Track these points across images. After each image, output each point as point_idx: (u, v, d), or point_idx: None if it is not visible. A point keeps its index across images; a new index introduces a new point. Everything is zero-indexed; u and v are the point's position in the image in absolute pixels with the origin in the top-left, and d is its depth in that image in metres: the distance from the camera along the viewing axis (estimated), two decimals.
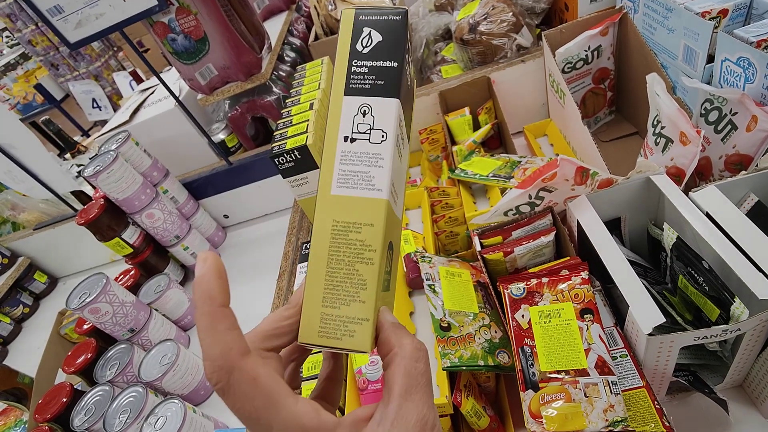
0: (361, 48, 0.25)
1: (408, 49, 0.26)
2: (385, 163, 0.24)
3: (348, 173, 0.24)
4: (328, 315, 0.24)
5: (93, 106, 1.83)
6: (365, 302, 0.23)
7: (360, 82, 0.25)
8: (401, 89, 0.25)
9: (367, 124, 0.25)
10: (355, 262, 0.24)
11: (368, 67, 0.25)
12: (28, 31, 2.86)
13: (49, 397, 0.74)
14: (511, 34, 0.86)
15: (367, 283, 0.23)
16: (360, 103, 0.25)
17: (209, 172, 1.09)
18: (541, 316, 0.51)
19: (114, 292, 0.80)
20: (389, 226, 0.25)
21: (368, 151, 0.24)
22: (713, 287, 0.44)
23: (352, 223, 0.24)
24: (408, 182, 0.94)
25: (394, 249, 0.28)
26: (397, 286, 0.66)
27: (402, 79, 0.25)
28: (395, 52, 0.25)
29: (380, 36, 0.25)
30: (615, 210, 0.59)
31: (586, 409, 0.44)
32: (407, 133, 0.31)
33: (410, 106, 0.30)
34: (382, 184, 0.24)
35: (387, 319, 0.25)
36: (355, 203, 0.24)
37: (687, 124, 0.55)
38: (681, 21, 0.64)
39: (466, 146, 0.84)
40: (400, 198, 0.29)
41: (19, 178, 1.09)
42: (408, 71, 0.27)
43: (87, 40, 0.83)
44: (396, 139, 0.25)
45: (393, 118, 0.24)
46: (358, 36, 0.25)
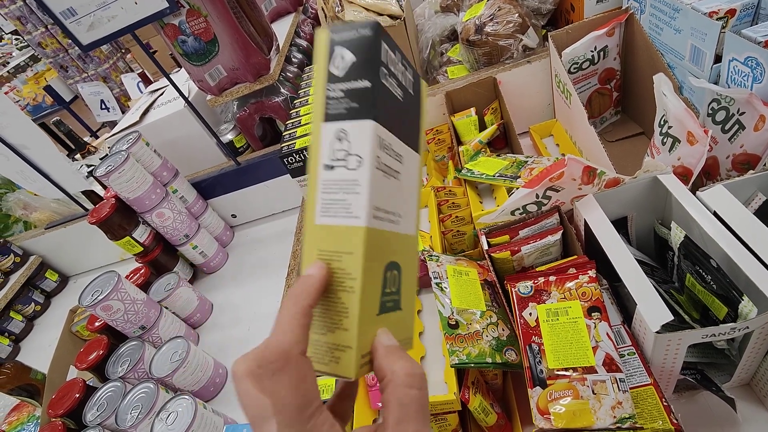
0: (335, 70, 0.24)
1: (389, 61, 0.25)
2: (362, 189, 0.23)
3: (329, 202, 0.24)
4: (316, 341, 0.24)
5: (101, 107, 1.85)
6: (348, 330, 0.24)
7: (336, 106, 0.24)
8: (378, 108, 0.24)
9: (344, 150, 0.24)
10: (338, 290, 0.24)
11: (342, 90, 0.24)
12: (37, 34, 2.89)
13: (62, 392, 0.75)
14: (517, 35, 0.87)
15: (349, 311, 0.24)
16: (337, 129, 0.24)
17: (218, 172, 1.10)
18: (549, 314, 0.51)
19: (126, 290, 0.81)
20: (380, 250, 0.25)
21: (345, 178, 0.24)
22: (721, 286, 0.45)
23: (333, 251, 0.24)
24: None
25: (402, 268, 0.28)
26: None
27: (378, 97, 0.23)
28: (367, 70, 0.23)
29: (352, 55, 0.24)
30: (622, 209, 0.59)
31: (594, 406, 0.44)
32: (416, 141, 0.29)
33: (411, 115, 0.29)
34: (359, 211, 0.23)
35: (382, 343, 0.25)
36: (336, 232, 0.24)
37: (694, 123, 0.55)
38: (688, 21, 0.64)
39: (472, 146, 0.85)
40: (405, 216, 0.28)
41: (31, 178, 1.11)
42: (393, 84, 0.25)
43: (99, 42, 0.84)
44: (375, 162, 0.24)
45: (368, 141, 0.23)
46: (332, 58, 0.24)
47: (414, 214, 0.30)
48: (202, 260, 1.05)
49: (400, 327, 0.28)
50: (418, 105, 0.30)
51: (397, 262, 0.27)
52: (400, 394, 0.23)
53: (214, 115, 1.29)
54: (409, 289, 0.30)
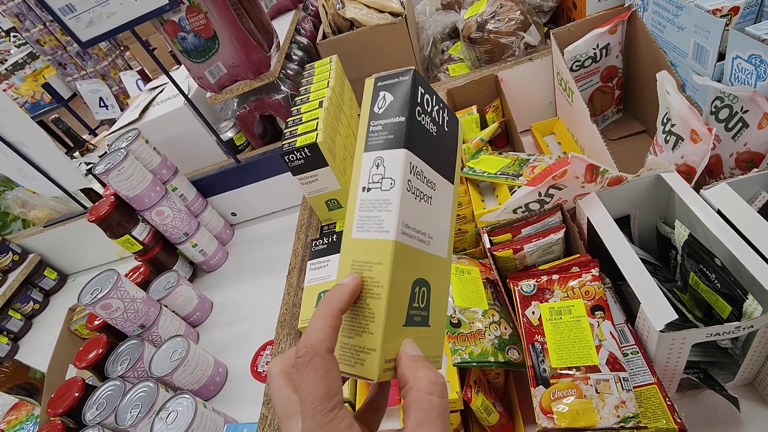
0: (377, 110, 0.28)
1: (424, 102, 0.29)
2: (393, 207, 0.26)
3: (364, 219, 0.27)
4: (345, 344, 0.26)
5: (100, 105, 1.84)
6: (373, 334, 0.25)
7: (375, 138, 0.28)
8: (411, 138, 0.27)
9: (379, 174, 0.27)
10: (366, 297, 0.26)
11: (382, 125, 0.28)
12: (36, 31, 2.88)
13: (61, 391, 0.75)
14: (519, 33, 0.86)
15: (375, 316, 0.26)
16: (375, 157, 0.28)
17: (217, 170, 1.09)
18: (552, 313, 0.51)
19: (125, 288, 0.81)
20: (407, 264, 0.27)
21: (380, 198, 0.27)
22: (726, 284, 0.45)
23: (365, 262, 0.26)
24: None
25: (432, 287, 0.30)
26: None
27: (411, 130, 0.27)
28: (403, 108, 0.27)
29: (392, 96, 0.28)
30: (625, 207, 0.59)
31: (597, 405, 0.44)
32: (450, 173, 0.32)
33: (446, 149, 0.32)
34: (389, 226, 0.26)
35: (407, 352, 0.26)
36: (369, 245, 0.27)
37: (698, 121, 0.55)
38: (691, 18, 0.64)
39: (473, 144, 0.85)
40: (437, 239, 0.30)
41: (29, 176, 1.11)
42: (427, 120, 0.29)
43: (98, 38, 0.84)
44: (405, 184, 0.27)
45: (400, 166, 0.27)
46: (376, 100, 0.29)
47: (446, 239, 0.32)
48: (201, 258, 1.05)
49: (428, 343, 0.30)
50: (454, 141, 0.33)
51: (426, 280, 0.29)
52: (421, 400, 0.23)
53: (213, 112, 1.29)
54: (440, 309, 0.31)
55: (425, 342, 0.29)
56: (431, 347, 0.30)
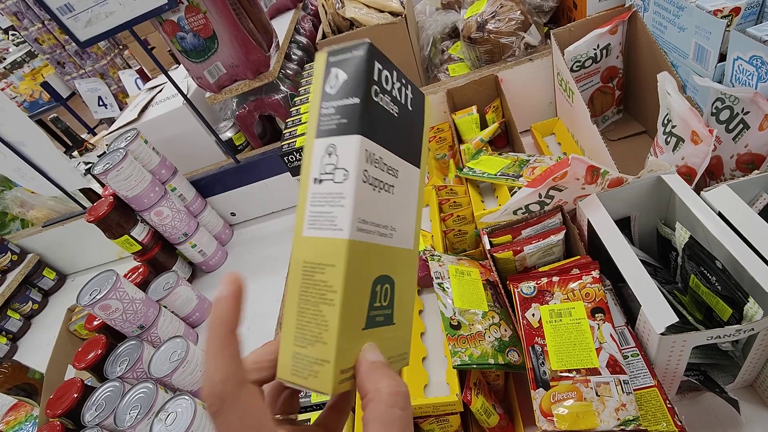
0: (330, 89, 0.25)
1: (383, 79, 0.26)
2: (347, 202, 0.24)
3: (316, 214, 0.25)
4: (298, 354, 0.24)
5: (99, 104, 1.84)
6: (327, 344, 0.23)
7: (327, 123, 0.25)
8: (366, 122, 0.24)
9: (332, 164, 0.25)
10: (319, 303, 0.24)
11: (334, 108, 0.25)
12: (34, 29, 2.87)
13: (60, 392, 0.75)
14: (520, 33, 0.86)
15: (329, 323, 0.23)
16: (327, 144, 0.25)
17: (217, 170, 1.09)
18: (552, 315, 0.51)
19: (124, 289, 0.81)
20: (367, 263, 0.25)
21: (332, 192, 0.24)
22: (726, 287, 0.44)
23: (317, 263, 0.24)
24: None
25: (396, 282, 0.28)
26: None
27: (366, 113, 0.24)
28: (357, 88, 0.24)
29: (345, 74, 0.25)
30: (625, 209, 0.59)
31: (597, 408, 0.44)
32: (416, 156, 0.30)
33: (410, 130, 0.29)
34: (343, 224, 0.24)
35: (367, 358, 0.24)
36: (321, 244, 0.24)
37: (699, 123, 0.55)
38: (692, 19, 0.63)
39: (473, 145, 0.84)
40: (401, 230, 0.28)
41: (28, 176, 1.10)
42: (387, 100, 0.26)
43: (97, 38, 0.83)
44: (361, 175, 0.24)
45: (354, 155, 0.24)
46: (327, 78, 0.25)
47: (412, 228, 0.30)
48: (201, 259, 1.05)
49: (392, 342, 0.28)
50: (420, 121, 0.30)
51: (390, 276, 0.27)
52: (383, 413, 0.22)
53: (213, 112, 1.28)
54: (406, 304, 0.29)
55: (390, 342, 0.27)
56: (397, 346, 0.28)
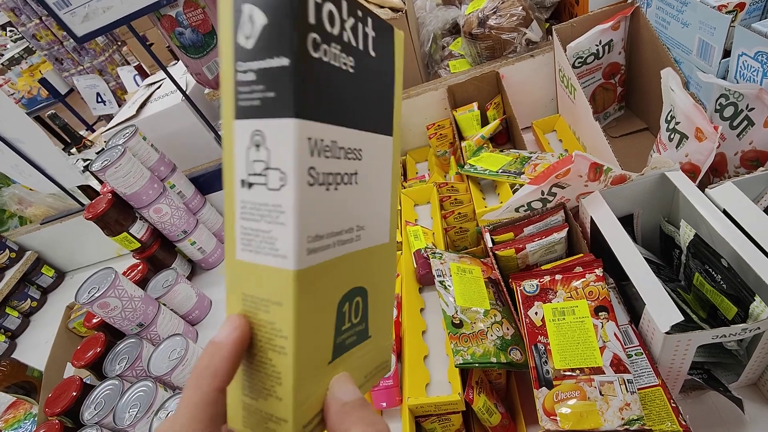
0: (244, 41, 0.17)
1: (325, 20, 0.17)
2: (288, 219, 0.17)
3: (250, 232, 0.18)
4: (249, 405, 0.20)
5: (97, 100, 1.83)
6: (282, 399, 0.19)
7: (248, 96, 0.17)
8: (305, 97, 0.17)
9: (262, 161, 0.17)
10: (267, 349, 0.19)
11: (255, 72, 0.17)
12: (32, 25, 2.85)
13: (58, 390, 0.74)
14: (521, 29, 0.85)
15: (282, 376, 0.19)
16: (252, 130, 0.17)
17: (216, 166, 1.08)
18: (555, 314, 0.50)
19: (123, 287, 0.80)
20: (325, 287, 0.20)
21: (266, 202, 0.18)
22: (732, 285, 0.44)
23: (260, 299, 0.19)
24: (416, 178, 0.94)
25: (369, 289, 0.23)
26: (406, 284, 0.65)
27: (304, 81, 0.16)
28: (284, 39, 0.16)
29: (263, 16, 0.16)
30: (628, 206, 0.58)
31: (601, 408, 0.43)
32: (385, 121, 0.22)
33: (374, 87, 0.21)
34: (286, 249, 0.17)
35: (337, 398, 0.20)
36: (261, 273, 0.18)
37: (703, 119, 0.54)
38: (696, 15, 0.63)
39: (474, 141, 0.84)
40: (372, 223, 0.22)
41: (26, 173, 1.10)
42: (335, 52, 0.18)
43: (94, 33, 0.82)
44: (305, 176, 0.17)
45: (292, 149, 0.17)
46: (239, 20, 0.17)
47: (387, 216, 0.24)
48: (200, 256, 1.04)
49: (369, 357, 0.24)
50: (389, 68, 0.22)
51: (361, 287, 0.22)
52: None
53: (212, 108, 1.27)
54: (383, 308, 0.24)
55: (365, 358, 0.23)
56: (373, 358, 0.24)
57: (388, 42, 0.21)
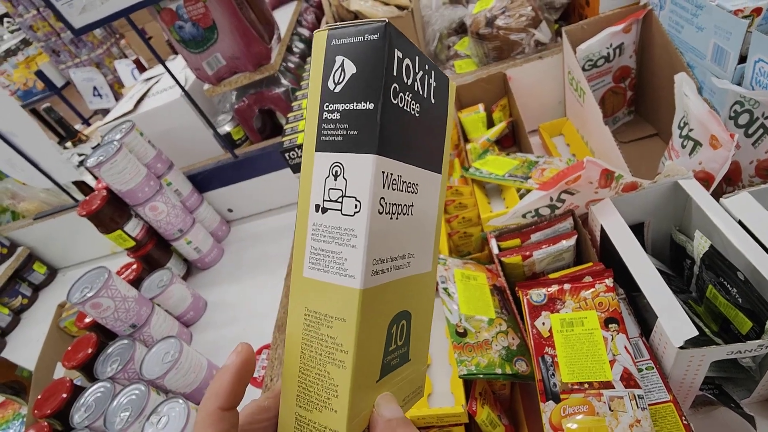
0: (333, 85, 0.20)
1: (404, 72, 0.20)
2: (359, 242, 0.19)
3: (319, 252, 0.20)
4: (302, 417, 0.21)
5: (94, 94, 1.80)
6: (337, 412, 0.20)
7: (331, 132, 0.20)
8: (384, 137, 0.19)
9: (338, 189, 0.20)
10: (326, 362, 0.20)
11: (340, 112, 0.19)
12: (29, 17, 2.81)
13: (48, 392, 0.72)
14: (530, 29, 0.84)
15: (339, 389, 0.20)
16: (331, 162, 0.20)
17: (214, 164, 1.06)
18: (563, 325, 0.49)
19: (116, 287, 0.78)
20: (382, 308, 0.21)
21: (340, 226, 0.20)
22: (748, 299, 0.42)
23: (323, 314, 0.20)
24: None
25: (413, 314, 0.24)
26: None
27: (385, 124, 0.19)
28: (372, 88, 0.19)
29: (354, 66, 0.19)
30: (638, 214, 0.57)
31: (610, 423, 0.42)
32: (438, 160, 0.25)
33: (433, 130, 0.24)
34: (355, 269, 0.19)
35: (383, 415, 0.21)
36: (327, 290, 0.20)
37: (719, 127, 0.53)
38: (711, 19, 0.61)
39: (479, 144, 0.82)
40: (420, 253, 0.24)
41: (19, 167, 1.07)
42: (408, 99, 0.21)
43: (92, 25, 0.80)
44: (376, 206, 0.19)
45: (368, 181, 0.19)
46: (331, 68, 0.20)
47: (431, 246, 0.26)
48: (196, 256, 1.02)
49: (408, 381, 0.25)
50: (443, 114, 0.25)
51: (407, 311, 0.24)
52: None
53: (211, 105, 1.25)
54: (421, 332, 0.26)
55: (405, 381, 0.24)
56: (411, 382, 0.25)
57: (444, 90, 0.25)
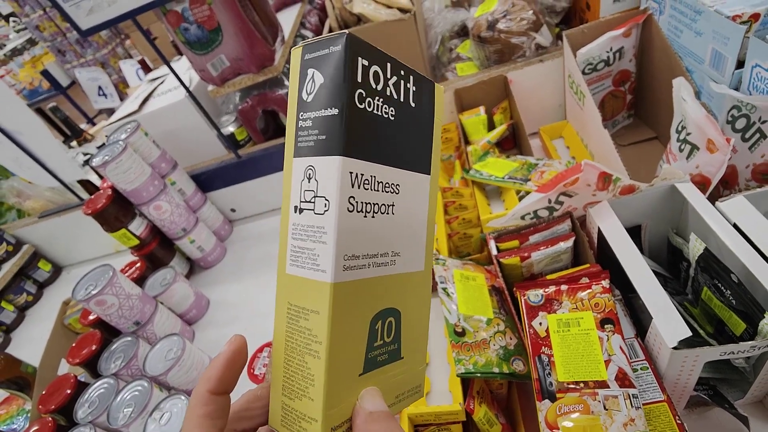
0: (306, 96, 0.22)
1: (371, 78, 0.22)
2: (329, 238, 0.21)
3: (298, 250, 0.22)
4: (287, 405, 0.22)
5: (99, 93, 1.82)
6: (313, 400, 0.21)
7: (305, 139, 0.22)
8: (349, 139, 0.21)
9: (311, 190, 0.21)
10: (304, 353, 0.22)
11: (312, 120, 0.21)
12: (35, 16, 2.84)
13: (52, 388, 0.73)
14: (531, 33, 0.85)
15: (315, 378, 0.21)
16: (306, 166, 0.21)
17: (217, 164, 1.08)
18: (560, 325, 0.50)
19: (120, 285, 0.79)
20: (360, 302, 0.22)
21: (313, 224, 0.21)
22: (742, 301, 0.43)
23: (302, 307, 0.22)
24: None
25: (403, 312, 0.25)
26: None
27: (347, 126, 0.21)
28: (335, 95, 0.20)
29: (321, 77, 0.21)
30: (636, 217, 0.58)
31: (605, 422, 0.42)
32: (424, 161, 0.26)
33: (414, 132, 0.25)
34: (326, 264, 0.21)
35: (364, 408, 0.22)
36: (304, 285, 0.22)
37: (715, 131, 0.53)
38: (710, 24, 0.62)
39: (480, 146, 0.83)
40: (408, 252, 0.25)
41: (25, 165, 1.08)
42: (379, 104, 0.22)
43: (99, 27, 0.81)
44: (345, 204, 0.21)
45: (335, 181, 0.20)
46: (304, 81, 0.22)
47: (422, 247, 0.26)
48: (199, 255, 1.03)
49: (401, 378, 0.25)
50: (429, 117, 0.26)
51: (394, 308, 0.25)
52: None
53: (215, 106, 1.26)
54: (417, 333, 0.27)
55: (396, 379, 0.25)
56: (406, 380, 0.26)
57: (428, 95, 0.26)
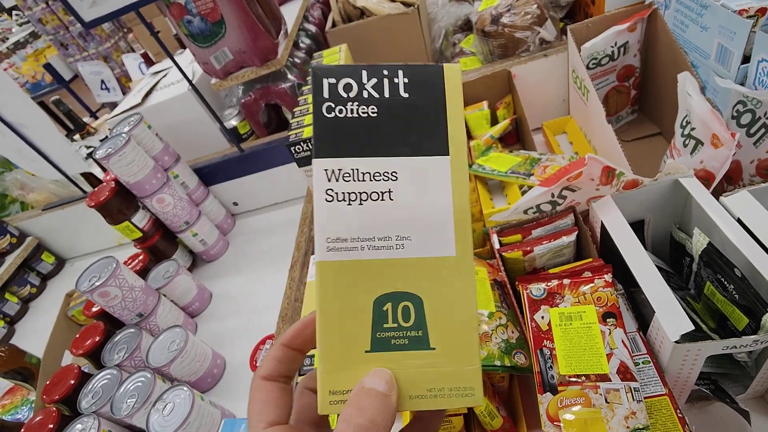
0: None
1: (340, 90, 0.25)
2: (316, 225, 0.25)
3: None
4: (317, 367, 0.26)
5: (101, 87, 1.82)
6: (317, 366, 0.25)
7: (314, 144, 0.27)
8: (317, 145, 0.25)
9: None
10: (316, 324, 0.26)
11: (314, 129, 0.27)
12: (38, 10, 2.83)
13: (56, 378, 0.74)
14: (535, 27, 0.84)
15: (317, 344, 0.25)
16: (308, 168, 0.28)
17: (220, 158, 1.08)
18: (562, 318, 0.50)
19: (124, 276, 0.79)
20: (356, 281, 0.25)
21: (315, 216, 0.26)
22: (745, 296, 0.43)
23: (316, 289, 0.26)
24: None
25: (427, 299, 0.25)
26: None
27: (319, 134, 0.25)
28: (313, 109, 0.25)
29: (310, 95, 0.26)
30: (639, 212, 0.57)
31: (606, 415, 0.43)
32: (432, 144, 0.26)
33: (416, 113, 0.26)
34: (318, 247, 0.25)
35: (362, 381, 0.23)
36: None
37: (720, 126, 0.53)
38: (716, 19, 0.61)
39: (483, 141, 0.83)
40: (423, 235, 0.26)
41: (29, 158, 1.09)
42: (353, 108, 0.25)
43: (102, 19, 0.81)
44: (324, 195, 0.25)
45: (315, 178, 0.25)
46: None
47: (448, 230, 0.26)
48: (201, 248, 1.03)
49: (435, 372, 0.25)
50: (435, 101, 0.26)
51: (409, 292, 0.25)
52: (345, 413, 0.22)
53: (218, 99, 1.26)
54: (453, 324, 0.25)
55: (429, 371, 0.25)
56: (449, 377, 0.25)
57: (430, 80, 0.26)
